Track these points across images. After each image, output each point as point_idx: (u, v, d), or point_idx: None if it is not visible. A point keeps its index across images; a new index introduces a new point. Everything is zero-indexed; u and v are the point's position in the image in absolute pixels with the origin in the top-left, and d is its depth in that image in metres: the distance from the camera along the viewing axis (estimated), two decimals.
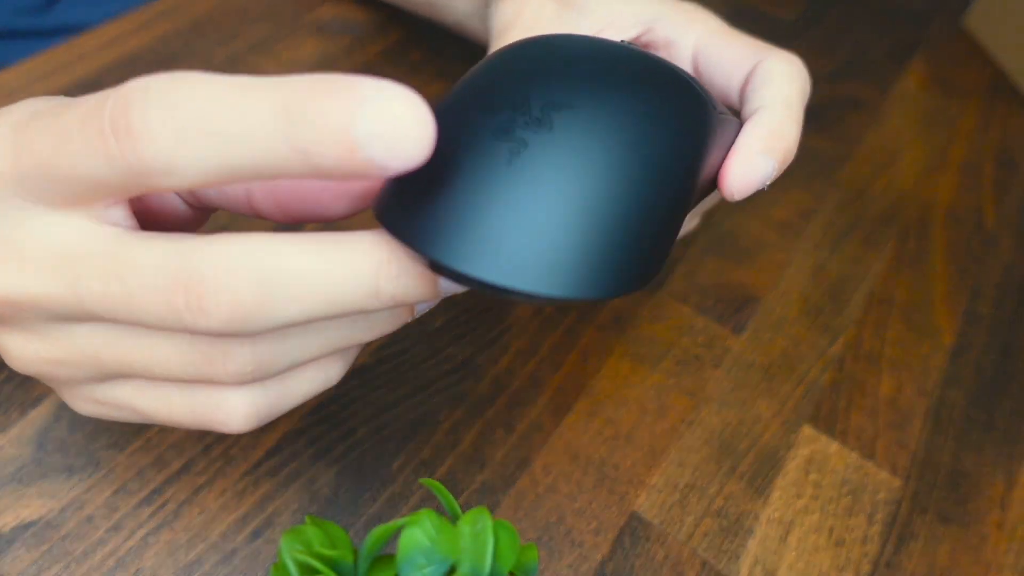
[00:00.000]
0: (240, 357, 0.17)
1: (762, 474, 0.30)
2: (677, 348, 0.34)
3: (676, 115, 0.19)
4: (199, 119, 0.14)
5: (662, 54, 0.28)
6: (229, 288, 0.15)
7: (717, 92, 0.27)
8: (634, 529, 0.28)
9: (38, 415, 0.29)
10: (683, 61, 0.28)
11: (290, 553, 0.19)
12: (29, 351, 0.18)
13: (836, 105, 0.47)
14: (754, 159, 0.21)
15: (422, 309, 0.19)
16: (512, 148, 0.17)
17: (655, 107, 0.19)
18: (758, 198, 0.41)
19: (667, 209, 0.19)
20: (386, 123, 0.13)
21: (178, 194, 0.20)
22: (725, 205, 0.40)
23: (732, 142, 0.23)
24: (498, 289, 0.16)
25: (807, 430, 0.32)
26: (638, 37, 0.28)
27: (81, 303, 0.16)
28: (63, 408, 0.29)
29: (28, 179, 0.16)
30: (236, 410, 0.18)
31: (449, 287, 0.18)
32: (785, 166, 0.22)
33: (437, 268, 0.17)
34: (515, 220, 0.16)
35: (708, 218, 0.39)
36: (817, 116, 0.46)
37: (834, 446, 0.31)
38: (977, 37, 0.53)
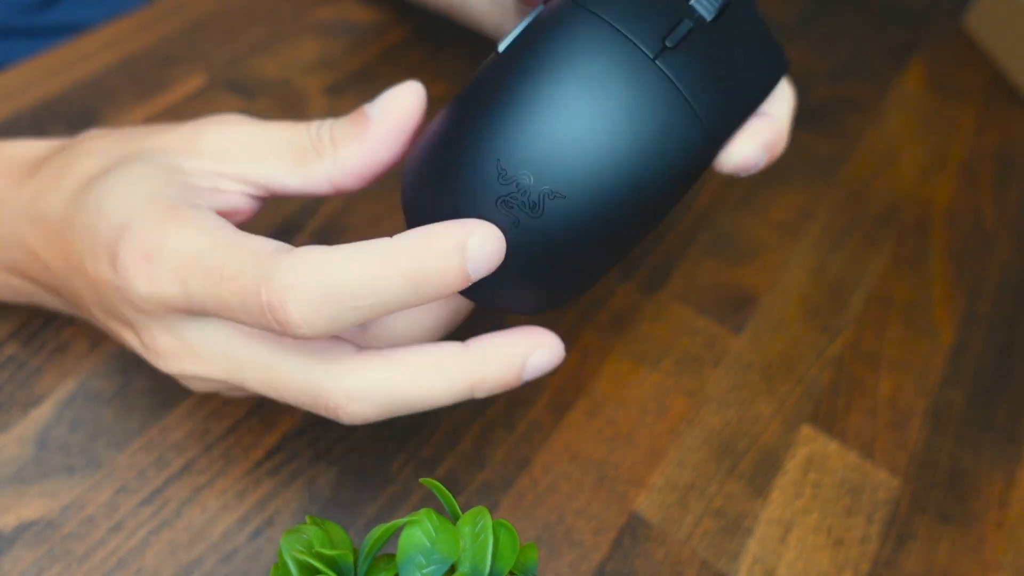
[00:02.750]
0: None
1: (761, 474, 0.30)
2: (677, 348, 0.34)
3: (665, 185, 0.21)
4: (342, 306, 0.18)
5: None
6: (360, 412, 0.21)
7: None
8: (634, 529, 0.28)
9: (39, 415, 0.29)
10: None
11: (290, 553, 0.19)
12: (209, 388, 0.23)
13: (835, 105, 0.47)
14: (758, 147, 0.23)
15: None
16: (511, 219, 0.20)
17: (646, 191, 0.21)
18: (757, 198, 0.41)
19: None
20: (485, 261, 0.19)
21: (249, 194, 0.24)
22: (725, 206, 0.40)
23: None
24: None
25: (806, 430, 0.32)
26: None
27: (247, 388, 0.22)
28: (64, 408, 0.29)
29: (193, 312, 0.21)
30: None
31: (530, 373, 0.23)
32: (770, 162, 0.25)
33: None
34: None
35: (708, 219, 0.39)
36: (816, 116, 0.46)
37: (833, 446, 0.31)
38: (976, 37, 0.53)
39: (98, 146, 0.24)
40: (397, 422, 0.30)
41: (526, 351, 0.21)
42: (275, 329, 0.19)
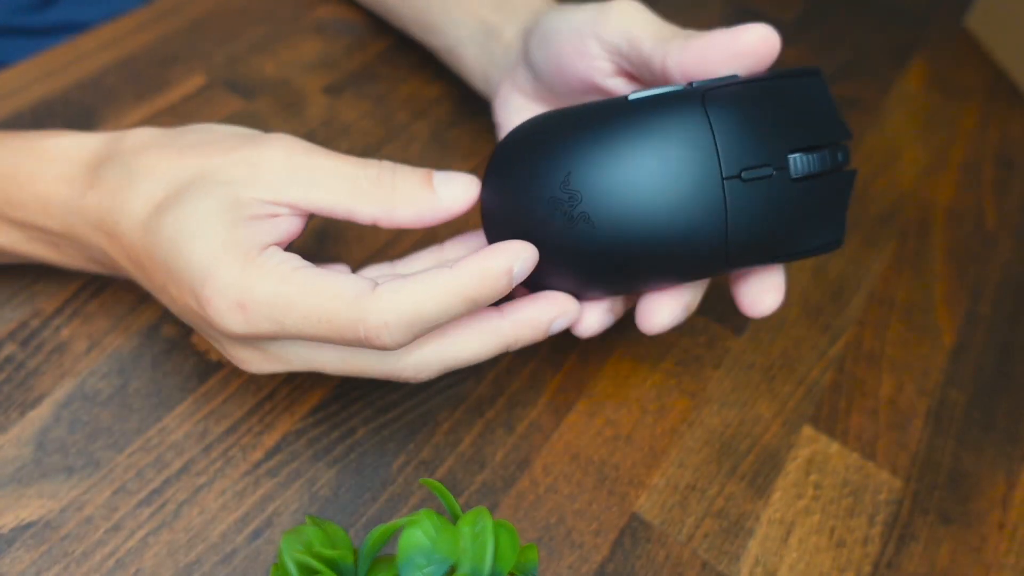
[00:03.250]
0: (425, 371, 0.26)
1: (763, 475, 0.30)
2: (677, 348, 0.34)
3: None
4: (422, 328, 0.23)
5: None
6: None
7: None
8: (634, 530, 0.28)
9: (38, 416, 0.29)
10: None
11: (290, 553, 0.19)
12: (257, 363, 0.25)
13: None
14: (776, 300, 0.27)
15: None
16: (550, 218, 0.24)
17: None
18: None
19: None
20: (523, 275, 0.24)
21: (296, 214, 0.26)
22: None
23: None
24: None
25: (808, 430, 0.32)
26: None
27: (322, 370, 0.26)
28: (63, 408, 0.29)
29: (284, 341, 0.25)
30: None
31: (557, 326, 0.27)
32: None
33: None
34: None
35: None
36: None
37: (835, 446, 0.31)
38: (977, 37, 0.53)
39: (156, 166, 0.25)
40: (396, 422, 0.30)
41: (552, 317, 0.25)
42: (368, 347, 0.23)
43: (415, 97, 0.43)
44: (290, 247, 0.33)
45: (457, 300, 0.23)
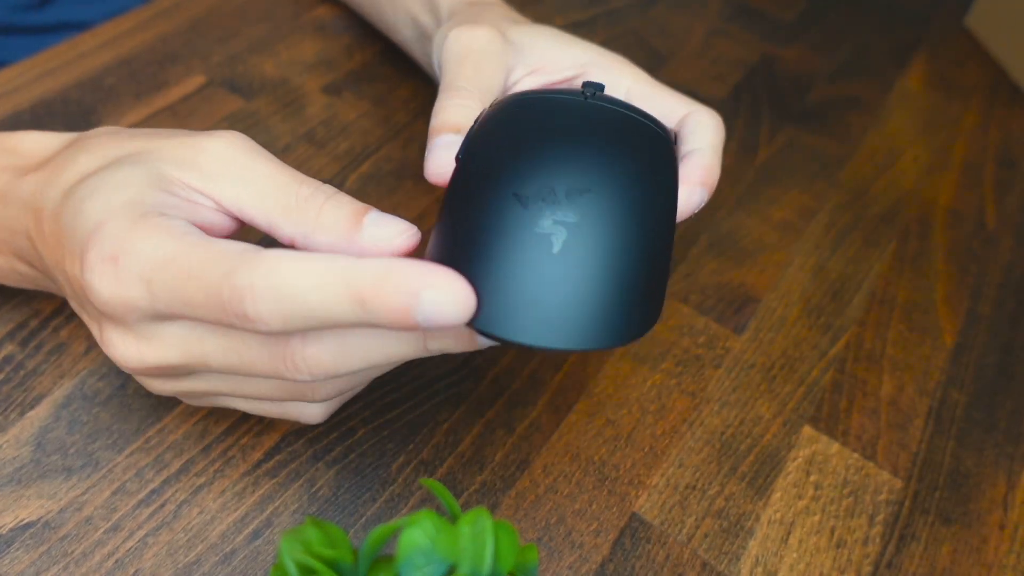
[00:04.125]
0: (325, 390, 0.23)
1: (763, 475, 0.30)
2: (677, 348, 0.34)
3: (665, 176, 0.24)
4: (296, 310, 0.19)
5: None
6: (321, 365, 0.21)
7: None
8: (634, 530, 0.28)
9: (37, 416, 0.29)
10: None
11: (290, 554, 0.19)
12: (165, 387, 0.24)
13: (837, 105, 0.47)
14: (695, 189, 0.26)
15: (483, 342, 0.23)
16: (553, 236, 0.21)
17: (652, 174, 0.23)
18: (759, 198, 0.40)
19: (668, 253, 0.23)
20: (436, 310, 0.18)
21: (228, 215, 0.24)
22: (726, 206, 0.40)
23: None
24: (536, 348, 0.21)
25: (808, 431, 0.32)
26: (572, 78, 0.31)
27: (208, 366, 0.22)
28: (62, 409, 0.29)
29: (158, 314, 0.21)
30: (316, 414, 0.25)
31: (485, 341, 0.22)
32: (710, 196, 0.27)
33: (481, 333, 0.21)
34: (552, 291, 0.21)
35: (709, 219, 0.39)
36: (818, 116, 0.46)
37: (835, 447, 0.31)
38: (978, 37, 0.53)
39: (101, 143, 0.24)
40: (396, 422, 0.30)
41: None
42: (236, 324, 0.20)
43: (415, 97, 0.42)
44: None
45: (341, 291, 0.19)
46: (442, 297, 0.18)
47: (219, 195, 0.23)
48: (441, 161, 0.25)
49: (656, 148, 0.24)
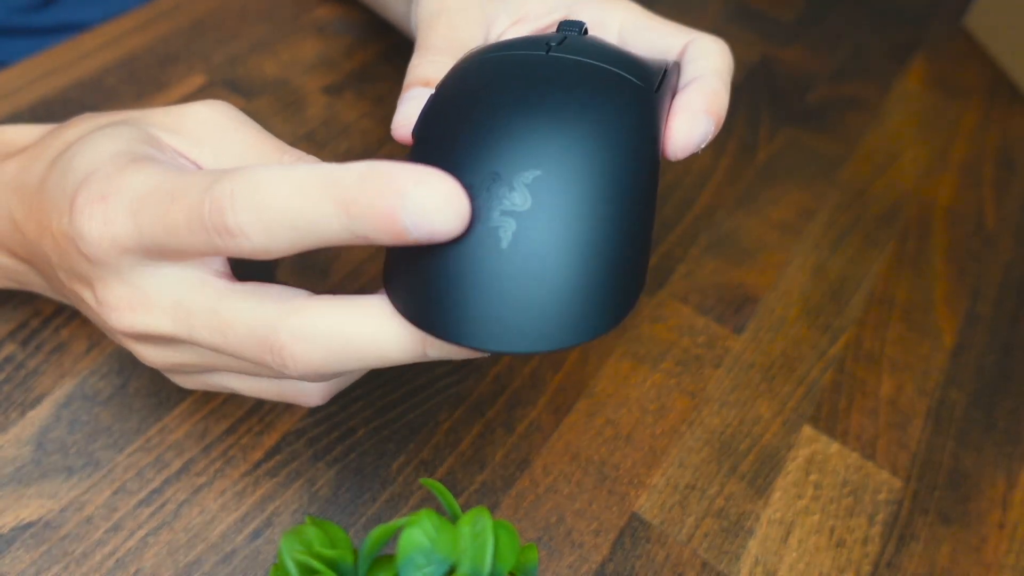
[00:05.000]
0: (320, 389, 0.23)
1: (763, 474, 0.30)
2: (677, 348, 0.34)
3: (638, 137, 0.20)
4: (278, 219, 0.18)
5: None
6: (306, 354, 0.20)
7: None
8: (634, 530, 0.28)
9: (37, 416, 0.29)
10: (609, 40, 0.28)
11: (290, 553, 0.19)
12: (158, 356, 0.23)
13: (836, 105, 0.47)
14: (698, 118, 0.23)
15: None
16: (501, 229, 0.19)
17: (617, 138, 0.20)
18: (758, 198, 0.40)
19: (645, 224, 0.20)
20: (425, 213, 0.17)
21: None
22: (726, 206, 0.40)
23: (670, 103, 0.23)
24: (494, 353, 0.20)
25: (808, 430, 0.32)
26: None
27: (195, 341, 0.21)
28: (62, 408, 0.29)
29: (147, 250, 0.20)
30: (314, 395, 0.24)
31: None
32: (718, 129, 0.24)
33: (439, 339, 0.19)
34: (504, 291, 0.19)
35: (709, 219, 0.39)
36: (817, 116, 0.46)
37: (835, 446, 0.31)
38: (977, 37, 0.53)
39: (85, 119, 0.25)
40: (396, 422, 0.30)
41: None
42: (219, 244, 0.19)
43: None
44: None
45: (323, 194, 0.17)
46: (431, 196, 0.17)
47: (203, 160, 0.23)
48: (405, 115, 0.23)
49: (627, 104, 0.21)
